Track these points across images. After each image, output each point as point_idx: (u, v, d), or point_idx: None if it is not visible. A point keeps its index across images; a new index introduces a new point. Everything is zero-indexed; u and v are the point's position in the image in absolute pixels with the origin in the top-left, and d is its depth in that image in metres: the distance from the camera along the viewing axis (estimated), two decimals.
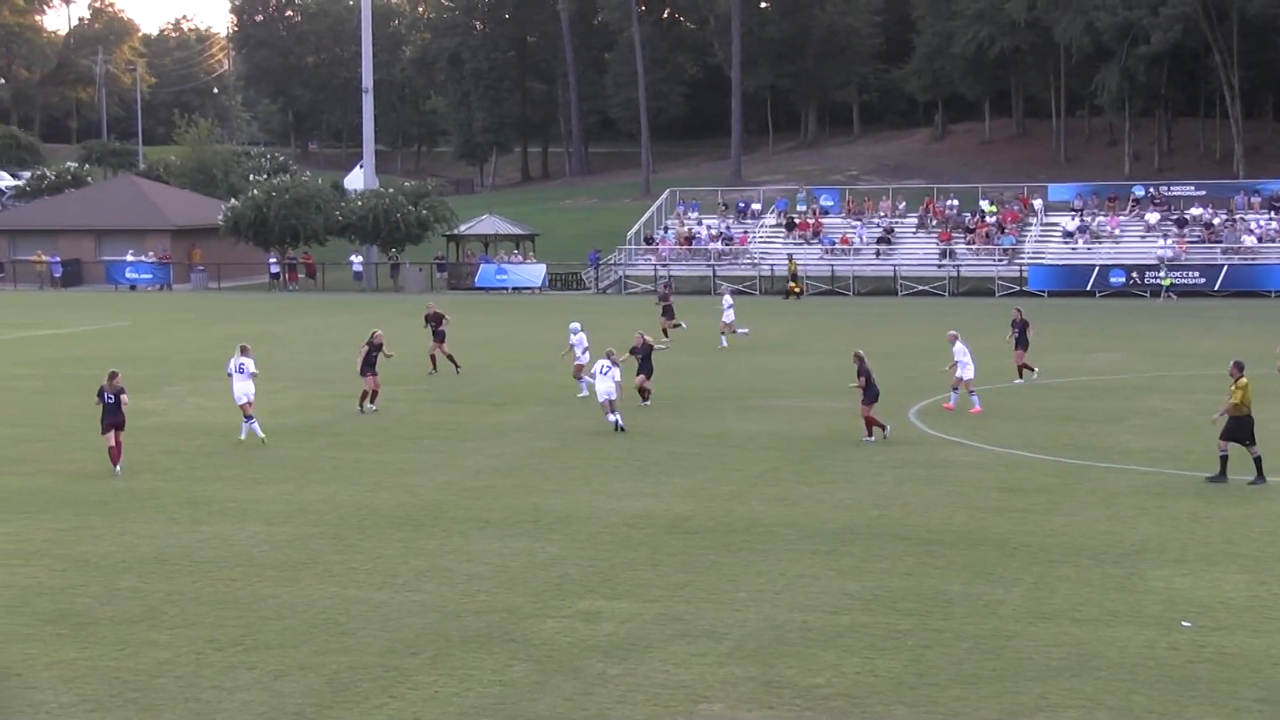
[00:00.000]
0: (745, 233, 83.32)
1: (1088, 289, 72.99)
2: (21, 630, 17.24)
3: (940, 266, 77.80)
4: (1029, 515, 23.15)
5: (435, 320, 41.88)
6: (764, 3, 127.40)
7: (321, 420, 33.29)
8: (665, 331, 47.85)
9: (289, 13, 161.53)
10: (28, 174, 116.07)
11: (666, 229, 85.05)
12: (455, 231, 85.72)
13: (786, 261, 76.63)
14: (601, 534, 22.02)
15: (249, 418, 30.34)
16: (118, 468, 26.94)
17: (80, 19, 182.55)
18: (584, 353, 37.05)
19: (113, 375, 27.33)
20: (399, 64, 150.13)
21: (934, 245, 79.67)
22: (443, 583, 19.29)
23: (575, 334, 37.69)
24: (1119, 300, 70.39)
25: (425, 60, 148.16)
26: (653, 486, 25.60)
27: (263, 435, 30.01)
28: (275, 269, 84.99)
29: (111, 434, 27.04)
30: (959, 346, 33.90)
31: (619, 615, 17.79)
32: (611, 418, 31.36)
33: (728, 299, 51.55)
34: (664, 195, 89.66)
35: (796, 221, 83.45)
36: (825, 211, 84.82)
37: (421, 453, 29.23)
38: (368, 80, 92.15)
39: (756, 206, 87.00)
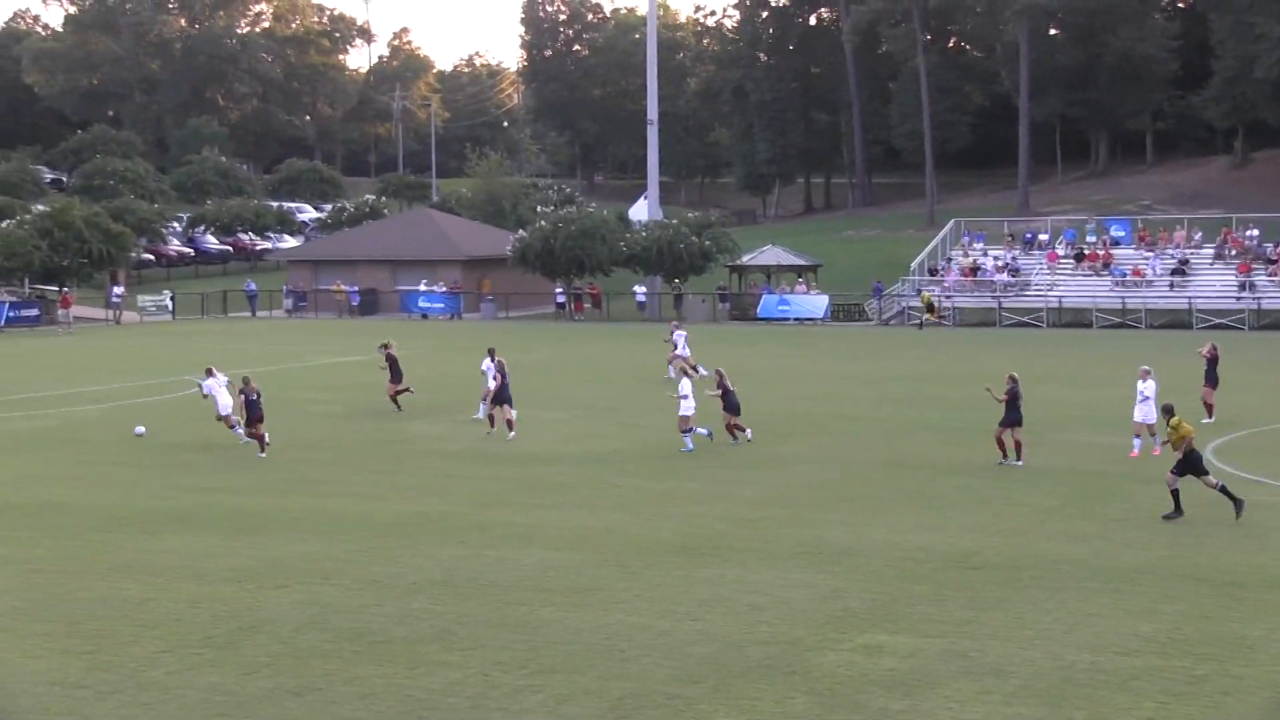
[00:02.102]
0: (1093, 251, 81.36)
1: None
2: (322, 646, 17.88)
3: (1239, 299, 74.99)
4: None
5: (392, 361, 40.90)
6: (1054, 30, 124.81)
7: (606, 448, 33.71)
8: (689, 369, 47.50)
9: (577, 47, 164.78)
10: (329, 206, 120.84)
11: (950, 260, 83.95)
12: (738, 262, 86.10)
13: (919, 295, 77.90)
14: (884, 567, 21.79)
15: (234, 426, 34.30)
16: (263, 453, 32.41)
17: (380, 57, 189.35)
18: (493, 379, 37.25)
19: (247, 379, 33.40)
20: (684, 96, 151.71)
21: (1232, 277, 76.81)
22: (724, 612, 19.32)
23: (489, 360, 37.91)
24: None
25: (710, 92, 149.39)
26: (937, 520, 25.24)
27: (246, 441, 33.70)
28: (562, 299, 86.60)
29: (257, 426, 32.73)
30: (1147, 384, 31.82)
31: (902, 650, 17.57)
32: (688, 437, 33.06)
33: (680, 333, 49.00)
34: (948, 226, 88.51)
35: (1086, 253, 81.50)
36: (1116, 243, 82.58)
37: (702, 482, 29.36)
38: (653, 112, 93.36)
39: (1044, 237, 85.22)
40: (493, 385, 37.43)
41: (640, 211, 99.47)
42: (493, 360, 37.78)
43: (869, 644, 17.82)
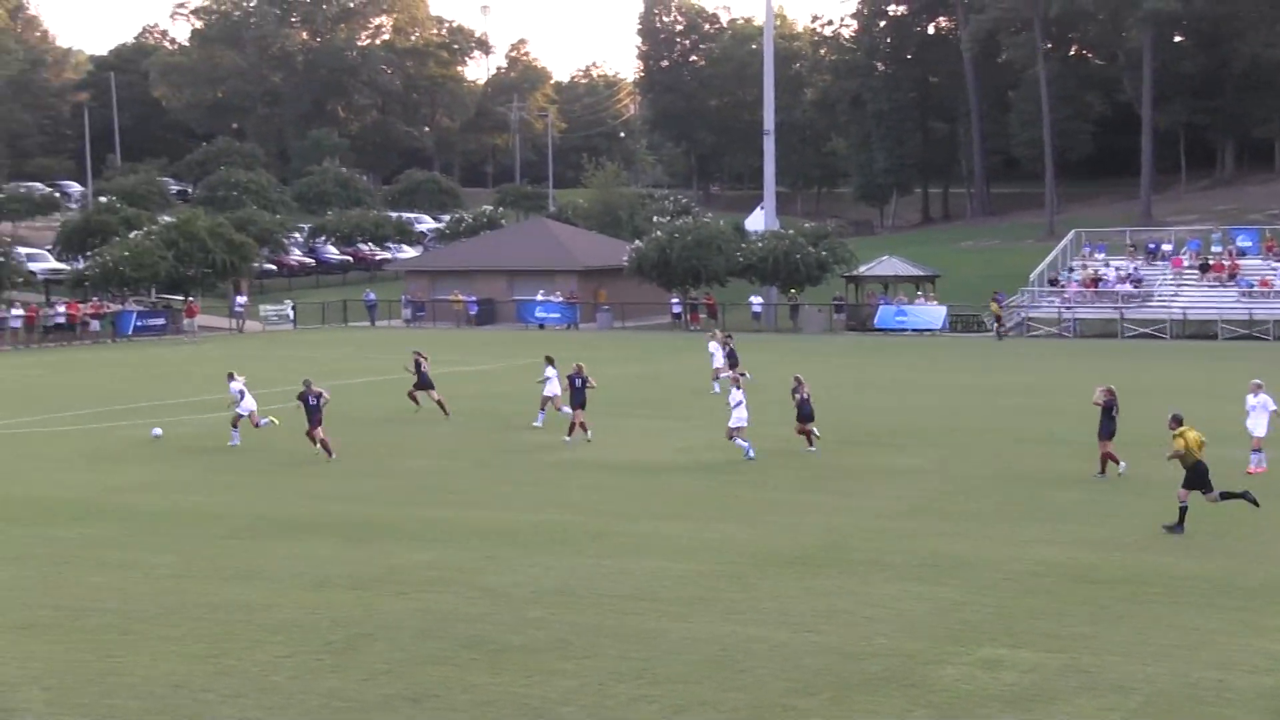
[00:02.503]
0: (1218, 261, 79.93)
1: None
2: (440, 654, 18.02)
3: None
4: None
5: (419, 368, 42.18)
6: (1178, 36, 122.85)
7: (722, 459, 33.66)
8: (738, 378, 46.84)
9: (694, 58, 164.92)
10: (448, 217, 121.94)
11: (1071, 270, 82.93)
12: (855, 273, 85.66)
13: (991, 304, 78.14)
14: (1003, 581, 21.55)
15: (257, 423, 36.43)
16: (327, 452, 33.45)
17: (498, 69, 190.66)
18: (555, 384, 38.81)
19: (308, 382, 34.28)
20: (800, 106, 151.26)
21: None
22: (840, 624, 19.21)
23: (551, 368, 39.13)
24: None
25: (826, 102, 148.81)
26: (1056, 533, 24.93)
27: (275, 420, 36.83)
28: (677, 309, 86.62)
29: (319, 429, 33.58)
30: (1260, 398, 31.31)
31: (1021, 664, 17.36)
32: (741, 444, 33.32)
33: (715, 344, 49.02)
34: (1069, 236, 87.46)
35: (1211, 263, 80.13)
36: (1242, 253, 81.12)
37: (819, 493, 29.24)
38: (769, 122, 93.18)
39: (1167, 248, 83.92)
40: (550, 392, 38.70)
41: (756, 222, 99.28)
42: (554, 368, 38.41)
43: (988, 658, 17.63)
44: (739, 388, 34.21)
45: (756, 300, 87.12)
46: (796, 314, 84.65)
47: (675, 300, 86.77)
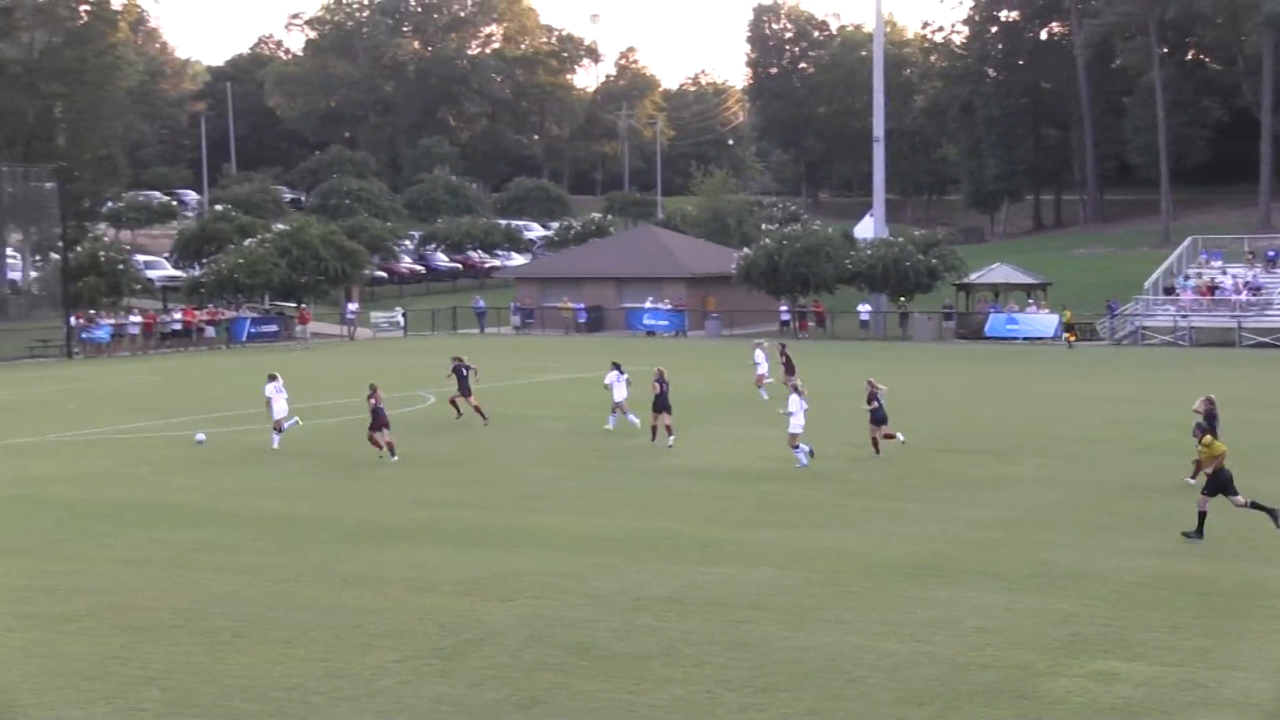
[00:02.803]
0: None
1: None
2: (548, 660, 18.08)
3: None
4: None
5: (459, 374, 42.27)
6: None
7: (832, 467, 33.50)
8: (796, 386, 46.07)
9: (803, 65, 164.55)
10: (556, 224, 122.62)
11: (1187, 278, 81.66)
12: (965, 280, 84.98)
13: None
14: (1115, 592, 21.25)
15: (280, 430, 37.01)
16: (396, 457, 34.30)
17: (607, 76, 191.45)
18: (620, 387, 39.30)
19: (374, 388, 34.84)
20: (910, 113, 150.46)
21: None
22: (950, 634, 19.03)
23: (617, 372, 39.38)
24: None
25: (936, 108, 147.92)
26: (1170, 545, 24.53)
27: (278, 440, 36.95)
28: (786, 316, 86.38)
29: (385, 432, 34.51)
30: None
31: (1136, 678, 17.10)
32: (798, 451, 33.19)
33: (761, 352, 48.86)
34: (1185, 243, 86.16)
35: None
36: None
37: (928, 502, 29.00)
38: (879, 129, 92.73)
39: None
40: (619, 398, 39.09)
41: (866, 229, 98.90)
42: (621, 373, 38.81)
43: (1101, 670, 17.39)
44: (800, 396, 34.00)
45: (865, 308, 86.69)
46: (906, 322, 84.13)
47: (784, 308, 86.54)
